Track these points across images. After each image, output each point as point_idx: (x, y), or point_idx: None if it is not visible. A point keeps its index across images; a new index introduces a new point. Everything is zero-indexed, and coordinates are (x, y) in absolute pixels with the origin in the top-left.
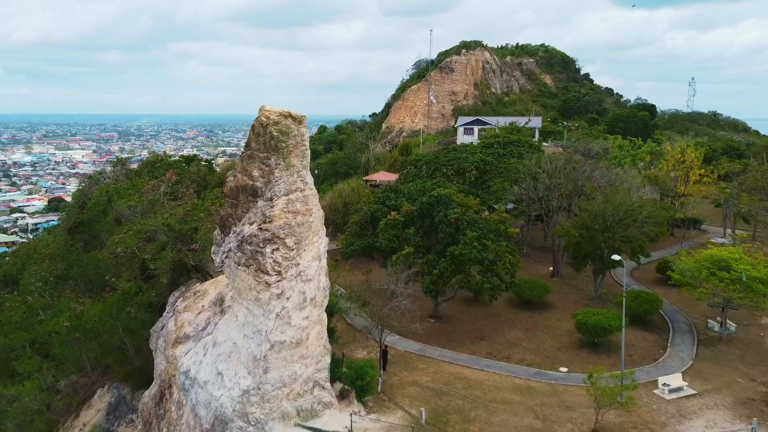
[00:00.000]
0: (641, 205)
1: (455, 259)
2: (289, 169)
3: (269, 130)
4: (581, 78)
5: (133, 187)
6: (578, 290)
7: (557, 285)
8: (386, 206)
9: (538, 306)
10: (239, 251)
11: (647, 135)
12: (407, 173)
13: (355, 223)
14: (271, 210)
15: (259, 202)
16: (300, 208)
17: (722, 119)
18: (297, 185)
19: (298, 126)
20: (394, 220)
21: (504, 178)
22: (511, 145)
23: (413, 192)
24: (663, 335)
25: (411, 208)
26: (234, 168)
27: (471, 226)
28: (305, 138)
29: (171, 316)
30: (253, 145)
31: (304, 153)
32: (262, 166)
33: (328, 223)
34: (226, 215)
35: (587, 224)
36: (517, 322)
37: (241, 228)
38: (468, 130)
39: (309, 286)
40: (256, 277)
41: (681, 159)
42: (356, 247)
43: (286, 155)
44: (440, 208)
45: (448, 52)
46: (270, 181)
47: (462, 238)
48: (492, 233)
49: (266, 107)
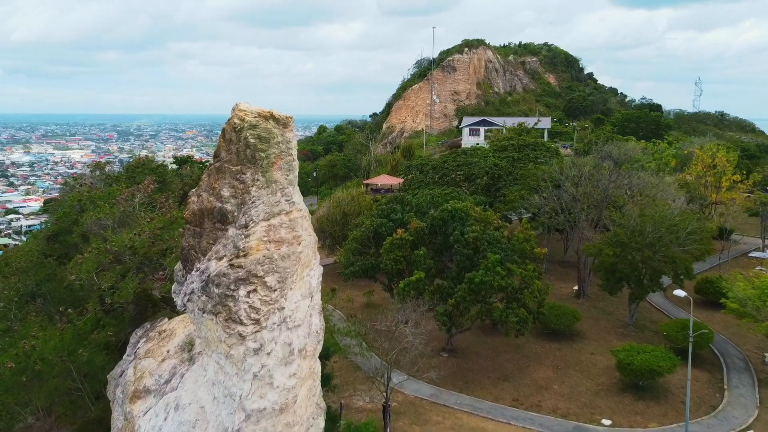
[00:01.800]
0: (684, 219)
1: (475, 287)
2: (271, 186)
3: (244, 136)
4: (585, 77)
5: (108, 195)
6: (608, 315)
7: (584, 308)
8: (391, 220)
9: (566, 336)
10: (204, 294)
11: (659, 136)
12: (412, 179)
13: (356, 240)
14: (245, 240)
15: (229, 230)
16: (285, 235)
17: (729, 119)
18: (281, 206)
19: (283, 130)
20: (400, 240)
21: (521, 185)
22: (526, 149)
23: (422, 203)
24: (716, 373)
25: (420, 225)
26: (198, 186)
27: (492, 246)
28: (292, 145)
29: (131, 361)
30: (222, 155)
31: (290, 164)
32: (234, 183)
33: (325, 235)
34: (187, 247)
35: (623, 241)
36: (544, 357)
37: (206, 264)
38: (473, 131)
39: (297, 334)
40: (226, 328)
41: (712, 163)
42: (356, 268)
43: (266, 168)
44: (455, 225)
45: (450, 51)
46: (245, 203)
47: (482, 261)
48: (516, 254)
49: (241, 106)
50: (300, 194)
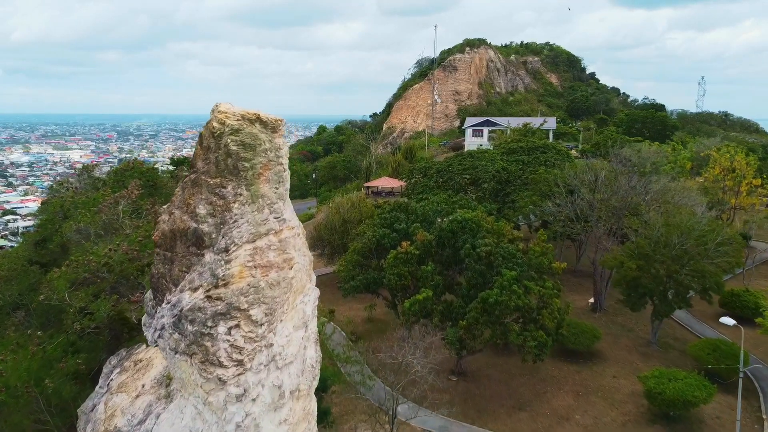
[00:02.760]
0: (713, 230)
1: (489, 308)
2: (257, 202)
3: (225, 143)
4: (587, 77)
5: (93, 201)
6: (628, 331)
7: (602, 324)
8: (395, 231)
9: (585, 356)
10: (176, 332)
11: (665, 137)
12: (416, 183)
13: (356, 251)
14: (226, 267)
15: (206, 255)
16: (274, 259)
17: (733, 119)
18: (269, 225)
19: (271, 135)
20: (405, 254)
21: (531, 190)
22: (536, 151)
23: (428, 212)
24: (751, 400)
25: (427, 237)
26: (170, 202)
27: (506, 261)
28: (282, 153)
29: (103, 394)
30: (199, 165)
31: (280, 176)
32: (212, 199)
33: (323, 244)
34: (157, 275)
35: (646, 253)
36: (562, 381)
37: (177, 296)
38: (477, 132)
39: (288, 373)
40: (203, 372)
41: (730, 167)
42: (357, 283)
43: (251, 180)
44: (465, 237)
45: (451, 51)
46: (225, 222)
47: (497, 278)
48: (532, 269)
49: (221, 107)
50: (292, 209)
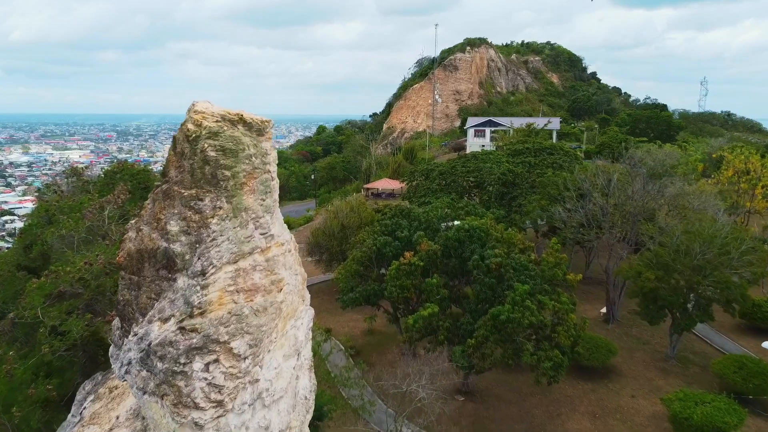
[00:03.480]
0: (736, 238)
1: (500, 325)
2: (239, 216)
3: (201, 148)
4: (588, 77)
5: (79, 205)
6: (644, 344)
7: (615, 336)
8: (396, 239)
9: (600, 373)
10: (144, 368)
11: (670, 137)
12: (417, 186)
13: (356, 261)
14: (202, 293)
15: (179, 279)
16: (260, 281)
17: (736, 119)
18: (254, 243)
19: (257, 139)
20: (409, 265)
21: (539, 194)
22: (543, 153)
23: (431, 218)
24: None
25: (432, 247)
26: (138, 217)
27: (518, 273)
28: (270, 159)
29: (75, 424)
30: (172, 174)
31: (267, 185)
32: (187, 214)
33: (321, 250)
34: (123, 302)
35: (666, 263)
36: (577, 401)
37: (145, 328)
38: (479, 132)
39: (278, 409)
40: (176, 415)
41: (744, 169)
42: (356, 295)
43: (233, 191)
44: (473, 247)
45: (451, 50)
46: (201, 241)
47: (508, 293)
48: (546, 282)
49: (198, 106)
50: (281, 222)
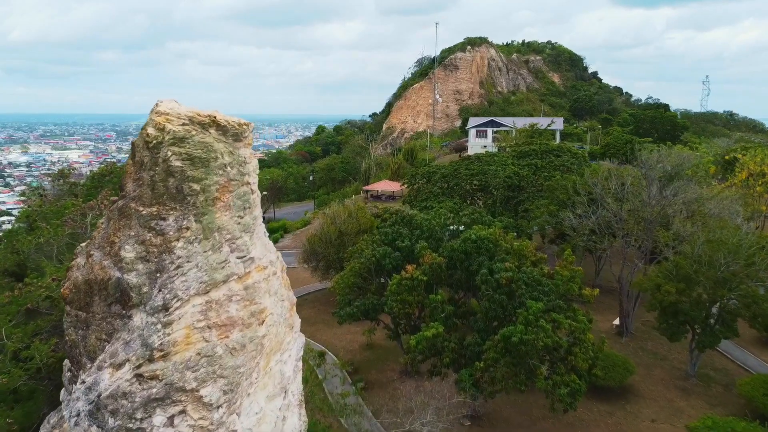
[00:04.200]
0: (763, 247)
1: (512, 348)
2: (211, 238)
3: (164, 157)
4: (589, 76)
5: (63, 210)
6: (661, 360)
7: (631, 351)
8: (397, 249)
9: (616, 393)
10: (94, 423)
11: (675, 137)
12: (419, 189)
13: (354, 272)
14: (165, 332)
15: (135, 316)
16: (237, 314)
17: (738, 119)
18: (230, 269)
19: (233, 145)
20: (411, 280)
21: (548, 199)
22: (550, 154)
23: (434, 226)
24: None
25: (436, 260)
26: (90, 240)
27: (531, 289)
28: (250, 168)
29: None
30: (129, 188)
31: (246, 200)
32: (146, 237)
33: (318, 257)
34: (69, 343)
35: (687, 275)
36: (593, 426)
37: (95, 376)
38: (481, 132)
39: None
40: None
41: (760, 171)
42: (354, 310)
43: (203, 208)
44: (481, 259)
45: (452, 49)
46: (163, 269)
47: (521, 311)
48: (561, 298)
49: (162, 106)
50: (265, 241)
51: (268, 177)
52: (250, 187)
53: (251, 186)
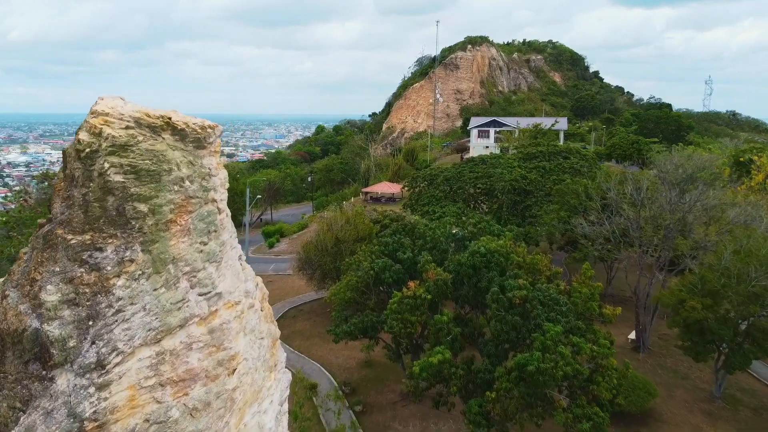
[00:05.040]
0: None
1: (528, 377)
2: (164, 272)
3: (101, 170)
4: (590, 76)
5: (43, 216)
6: (683, 379)
7: (649, 368)
8: (398, 261)
9: (637, 419)
10: None
11: (680, 138)
12: (420, 193)
13: (350, 287)
14: (99, 396)
15: (58, 378)
16: (200, 364)
17: (741, 119)
18: (189, 310)
19: (194, 153)
20: (413, 298)
21: (558, 204)
22: (558, 156)
23: (439, 237)
24: None
25: (441, 276)
26: (8, 274)
27: (547, 308)
28: (215, 182)
29: None
30: (56, 210)
31: (211, 222)
32: (75, 273)
33: (313, 267)
34: None
35: (714, 290)
36: None
37: None
38: (483, 133)
39: None
40: None
41: None
42: (351, 328)
43: (153, 235)
44: (491, 274)
45: (452, 48)
46: (98, 315)
47: (537, 336)
48: (580, 317)
49: (102, 105)
50: (237, 271)
51: (265, 178)
52: (217, 205)
53: (218, 204)
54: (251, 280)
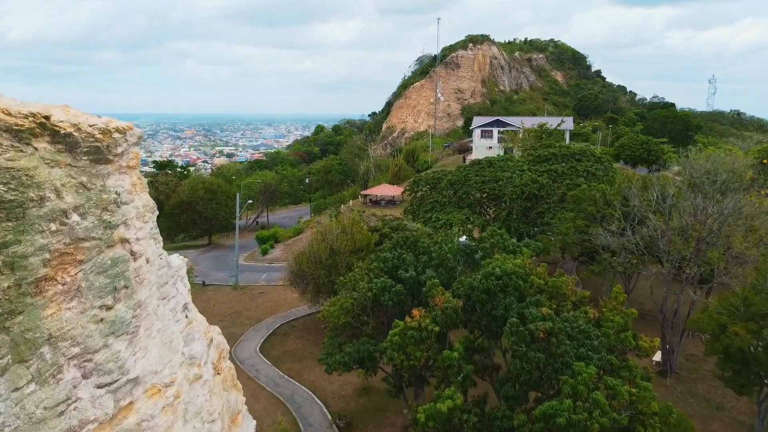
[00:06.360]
0: None
1: (556, 430)
2: (34, 360)
3: None
4: (592, 75)
5: None
6: (718, 410)
7: (679, 397)
8: (399, 280)
9: None
10: None
11: (688, 138)
12: (423, 198)
13: (344, 310)
14: None
15: None
16: None
17: (746, 118)
18: (77, 414)
19: (87, 170)
20: (419, 330)
21: (573, 211)
22: (571, 159)
23: (446, 253)
24: None
25: (451, 303)
26: None
27: (576, 343)
28: (130, 210)
29: None
30: None
31: (117, 273)
32: None
33: (306, 281)
34: None
35: (761, 313)
36: None
37: None
38: (486, 133)
39: None
40: None
41: None
42: (345, 358)
43: (13, 304)
44: (508, 300)
45: (453, 47)
46: None
47: (566, 379)
48: (612, 351)
49: None
50: (171, 336)
51: (260, 180)
52: (131, 247)
53: (133, 245)
54: (199, 339)
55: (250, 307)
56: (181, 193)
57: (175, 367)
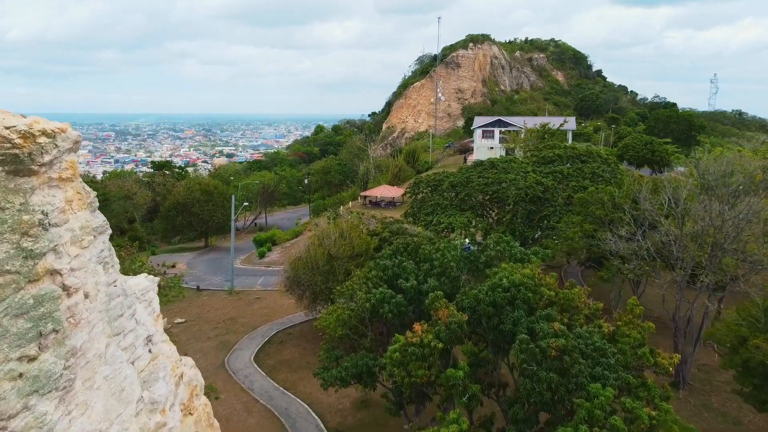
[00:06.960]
0: None
1: None
2: None
3: None
4: (593, 75)
5: None
6: (735, 425)
7: (693, 411)
8: (400, 290)
9: None
10: None
11: (691, 138)
12: (424, 200)
13: (341, 322)
14: None
15: None
16: None
17: (748, 118)
18: None
19: (4, 183)
20: (421, 347)
21: (580, 215)
22: (576, 160)
23: (449, 261)
24: None
25: (456, 318)
26: None
27: (591, 361)
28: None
29: None
30: None
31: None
32: None
33: (302, 287)
34: None
35: None
36: None
37: None
38: (487, 133)
39: None
40: None
41: None
42: (342, 373)
43: None
44: (517, 314)
45: (453, 46)
46: None
47: (582, 403)
48: (630, 370)
49: None
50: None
51: (258, 181)
52: (62, 280)
53: (66, 278)
54: (165, 378)
55: (245, 314)
56: (177, 195)
57: (128, 422)
